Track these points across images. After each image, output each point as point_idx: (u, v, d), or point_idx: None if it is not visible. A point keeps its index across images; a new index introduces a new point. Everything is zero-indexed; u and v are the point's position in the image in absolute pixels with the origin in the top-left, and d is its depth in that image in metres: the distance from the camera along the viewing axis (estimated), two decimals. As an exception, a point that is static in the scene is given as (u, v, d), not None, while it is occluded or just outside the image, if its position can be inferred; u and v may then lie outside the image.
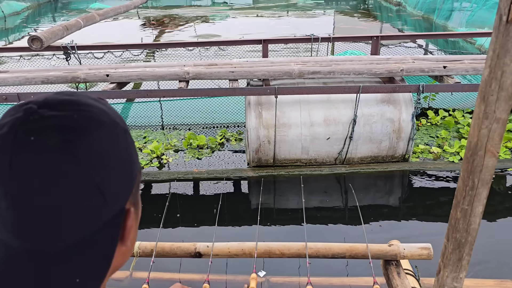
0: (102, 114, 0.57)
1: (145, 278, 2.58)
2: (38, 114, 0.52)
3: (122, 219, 0.59)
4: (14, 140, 0.51)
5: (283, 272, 3.41)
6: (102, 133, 0.55)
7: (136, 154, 0.63)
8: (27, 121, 0.52)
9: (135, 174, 0.61)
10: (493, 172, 1.48)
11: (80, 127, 0.53)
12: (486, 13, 11.42)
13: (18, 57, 7.91)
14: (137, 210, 0.65)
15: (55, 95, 0.57)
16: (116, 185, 0.56)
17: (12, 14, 18.71)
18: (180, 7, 21.40)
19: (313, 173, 4.99)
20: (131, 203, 0.61)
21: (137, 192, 0.64)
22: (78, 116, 0.54)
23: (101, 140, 0.54)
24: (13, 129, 0.52)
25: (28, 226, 0.51)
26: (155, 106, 6.47)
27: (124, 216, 0.59)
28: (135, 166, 0.61)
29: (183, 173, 5.10)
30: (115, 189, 0.56)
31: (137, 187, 0.64)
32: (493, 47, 1.31)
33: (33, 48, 5.18)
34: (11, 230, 0.52)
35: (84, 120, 0.54)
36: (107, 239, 0.56)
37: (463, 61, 4.96)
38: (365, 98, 4.84)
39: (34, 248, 0.52)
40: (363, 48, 7.59)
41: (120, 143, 0.58)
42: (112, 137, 0.56)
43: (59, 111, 0.53)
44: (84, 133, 0.53)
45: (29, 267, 0.52)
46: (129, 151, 0.60)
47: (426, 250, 2.68)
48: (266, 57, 6.19)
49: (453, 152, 5.39)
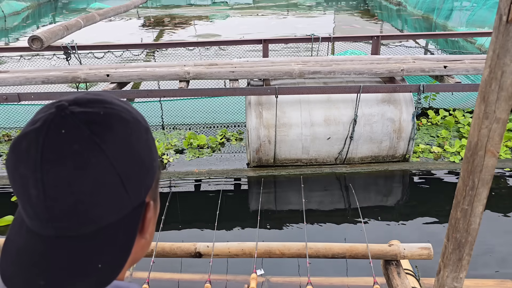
0: (126, 112, 0.61)
1: (145, 278, 2.58)
2: (69, 110, 0.57)
3: (142, 211, 0.63)
4: (47, 132, 0.55)
5: (283, 272, 3.41)
6: (125, 129, 0.59)
7: (156, 151, 0.66)
8: (59, 116, 0.57)
9: (155, 169, 0.65)
10: (493, 172, 1.48)
11: (106, 123, 0.58)
12: (486, 13, 11.41)
13: (18, 57, 7.91)
14: (156, 205, 0.69)
15: (84, 94, 0.62)
16: (137, 178, 0.60)
17: (12, 14, 18.71)
18: (180, 7, 21.39)
19: (314, 173, 4.99)
20: (151, 197, 0.65)
21: (156, 187, 0.68)
22: (104, 112, 0.59)
23: (124, 135, 0.59)
24: (46, 123, 0.56)
25: (57, 212, 0.55)
26: (155, 106, 6.47)
27: (144, 209, 0.63)
28: (156, 162, 0.65)
29: (184, 173, 5.10)
30: (136, 182, 0.60)
31: (157, 183, 0.68)
32: (493, 47, 1.31)
33: (33, 48, 5.18)
34: (41, 217, 0.56)
35: (109, 117, 0.59)
36: (128, 229, 0.60)
37: (464, 61, 4.96)
38: (365, 98, 4.84)
39: (62, 234, 0.57)
40: (364, 48, 7.59)
41: (142, 139, 0.62)
42: (134, 133, 0.61)
43: (87, 107, 0.58)
44: (109, 127, 0.58)
45: (57, 253, 0.57)
46: (150, 147, 0.64)
47: (426, 250, 2.67)
48: (267, 57, 6.19)
49: (453, 151, 5.38)
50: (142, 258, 0.70)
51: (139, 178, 0.61)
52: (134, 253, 0.64)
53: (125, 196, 0.59)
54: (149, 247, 0.70)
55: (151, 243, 0.69)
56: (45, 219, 0.56)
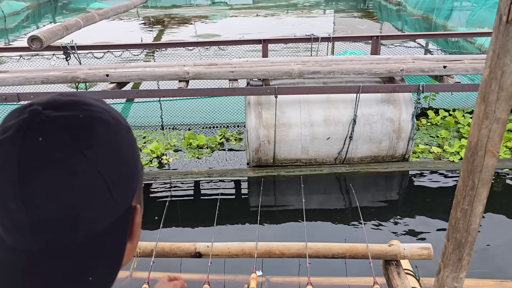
0: (105, 113, 0.58)
1: (145, 278, 2.58)
2: (44, 115, 0.53)
3: (130, 217, 0.60)
4: (23, 141, 0.51)
5: (283, 272, 3.41)
6: (107, 131, 0.56)
7: (138, 152, 0.64)
8: (34, 123, 0.52)
9: (139, 171, 0.62)
10: (493, 172, 1.48)
11: (86, 126, 0.54)
12: (486, 13, 11.42)
13: (18, 57, 7.91)
14: (141, 207, 0.66)
15: (57, 96, 0.57)
16: (123, 182, 0.57)
17: (12, 14, 18.70)
18: (180, 7, 21.40)
19: (313, 173, 4.99)
20: (137, 201, 0.63)
21: (141, 189, 0.65)
22: (83, 115, 0.55)
23: (107, 138, 0.56)
24: (20, 131, 0.52)
25: (41, 224, 0.52)
26: (154, 106, 6.47)
27: (132, 214, 0.61)
28: (139, 163, 0.63)
29: (183, 173, 5.10)
30: (123, 186, 0.57)
31: (141, 185, 0.65)
32: (493, 47, 1.31)
33: (32, 48, 5.18)
34: (23, 231, 0.52)
35: (89, 120, 0.55)
36: (117, 237, 0.57)
37: (463, 61, 4.96)
38: (365, 98, 4.84)
39: (46, 247, 0.53)
40: (363, 48, 7.59)
41: (124, 141, 0.59)
42: (116, 135, 0.57)
43: (64, 111, 0.54)
44: (91, 131, 0.54)
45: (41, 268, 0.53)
46: (133, 148, 0.61)
47: (426, 250, 2.68)
48: (266, 57, 6.19)
49: (453, 152, 5.39)
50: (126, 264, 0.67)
51: (125, 182, 0.58)
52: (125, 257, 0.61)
53: (112, 203, 0.55)
54: (135, 252, 0.69)
55: (136, 248, 0.66)
56: (27, 233, 0.52)
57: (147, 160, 5.43)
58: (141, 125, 6.46)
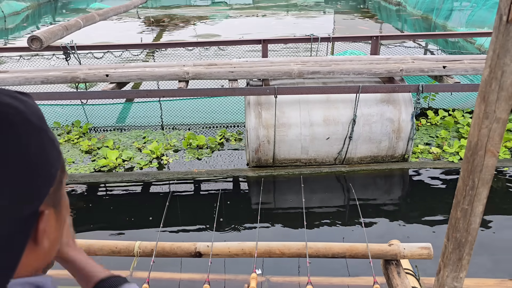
0: (13, 113, 0.55)
1: (145, 278, 2.57)
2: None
3: (34, 223, 0.57)
4: None
5: (283, 272, 3.42)
6: (7, 133, 0.53)
7: (56, 152, 0.61)
8: None
9: (51, 174, 0.59)
10: (493, 172, 1.48)
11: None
12: (486, 13, 11.42)
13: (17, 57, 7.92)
14: (59, 210, 0.63)
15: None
16: (24, 188, 0.54)
17: (12, 14, 18.70)
18: (180, 7, 21.40)
19: (313, 173, 4.99)
20: (48, 205, 0.59)
21: (58, 192, 0.62)
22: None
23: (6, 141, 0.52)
24: None
25: None
26: (154, 106, 6.47)
27: (36, 219, 0.57)
28: (52, 165, 0.59)
29: (183, 173, 5.10)
30: (23, 192, 0.54)
31: (58, 187, 0.62)
32: (493, 47, 1.31)
33: (32, 48, 5.18)
34: None
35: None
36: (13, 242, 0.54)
37: (463, 61, 4.96)
38: (364, 98, 4.84)
39: None
40: (363, 48, 7.59)
41: (30, 143, 0.55)
42: (20, 137, 0.54)
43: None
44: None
45: None
46: (42, 150, 0.57)
47: (426, 249, 2.68)
48: (266, 57, 6.19)
49: (452, 152, 5.39)
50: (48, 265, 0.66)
51: (27, 187, 0.54)
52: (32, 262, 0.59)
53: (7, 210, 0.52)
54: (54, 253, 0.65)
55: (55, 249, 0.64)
56: None
57: (147, 160, 5.43)
58: (141, 125, 6.46)
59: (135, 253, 2.75)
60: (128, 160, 5.45)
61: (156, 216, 4.19)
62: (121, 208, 4.62)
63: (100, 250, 2.77)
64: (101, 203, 4.73)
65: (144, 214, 4.45)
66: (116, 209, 4.63)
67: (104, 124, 6.47)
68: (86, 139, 5.96)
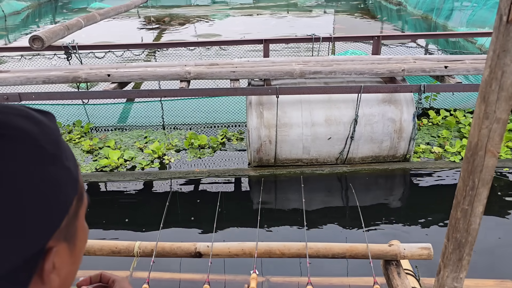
0: (24, 139, 0.49)
1: (145, 278, 2.58)
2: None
3: (40, 260, 0.51)
4: None
5: (283, 272, 3.41)
6: (14, 164, 0.47)
7: (71, 182, 0.55)
8: None
9: (64, 206, 0.53)
10: (494, 172, 1.48)
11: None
12: (487, 13, 11.40)
13: (19, 56, 7.92)
14: (73, 243, 0.57)
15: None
16: (31, 222, 0.48)
17: (13, 14, 18.72)
18: (181, 7, 21.40)
19: (314, 173, 4.99)
20: (59, 240, 0.53)
21: (73, 224, 0.56)
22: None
23: (11, 172, 0.47)
24: None
25: None
26: (156, 106, 6.47)
27: (43, 256, 0.51)
28: (65, 197, 0.53)
29: (184, 173, 5.10)
30: (30, 227, 0.48)
31: (73, 219, 0.56)
32: (494, 47, 1.31)
33: (34, 48, 5.18)
34: None
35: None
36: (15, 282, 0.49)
37: (464, 61, 4.96)
38: (366, 98, 4.83)
39: None
40: (364, 48, 7.59)
41: (40, 173, 0.49)
42: (29, 168, 0.48)
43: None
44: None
45: None
46: (54, 182, 0.51)
47: (426, 250, 2.67)
48: (267, 57, 6.19)
49: (454, 152, 5.38)
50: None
51: (33, 223, 0.48)
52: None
53: (8, 249, 0.46)
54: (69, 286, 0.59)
55: (70, 282, 0.58)
56: None
57: (149, 160, 5.43)
58: (143, 125, 6.47)
59: (135, 253, 2.76)
60: (130, 160, 5.45)
61: (157, 216, 4.20)
62: (122, 208, 4.63)
63: (100, 250, 2.78)
64: (102, 203, 4.73)
65: (145, 214, 4.45)
66: (117, 209, 4.63)
67: (105, 124, 6.47)
68: (87, 139, 5.97)
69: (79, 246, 0.59)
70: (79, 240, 0.59)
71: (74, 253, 0.57)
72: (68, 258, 0.56)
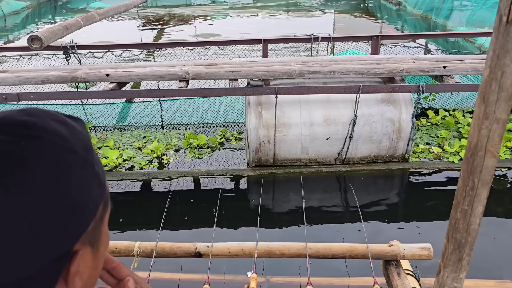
0: (57, 142, 0.50)
1: (145, 278, 2.58)
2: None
3: (65, 263, 0.51)
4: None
5: (283, 272, 3.41)
6: (48, 166, 0.48)
7: (99, 187, 0.55)
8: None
9: (91, 211, 0.54)
10: (493, 173, 1.48)
11: (22, 158, 0.46)
12: (486, 13, 11.41)
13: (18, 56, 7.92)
14: (96, 248, 0.57)
15: (15, 113, 0.50)
16: (59, 225, 0.49)
17: (12, 13, 18.70)
18: (180, 6, 21.39)
19: (313, 173, 4.99)
20: (84, 243, 0.54)
21: (98, 229, 0.57)
22: (25, 143, 0.47)
23: (45, 174, 0.47)
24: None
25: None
26: (155, 106, 6.47)
27: (69, 259, 0.51)
28: (92, 202, 0.54)
29: (183, 173, 5.10)
30: (57, 229, 0.48)
31: (99, 224, 0.57)
32: (493, 48, 1.31)
33: (33, 48, 5.17)
34: None
35: (30, 150, 0.47)
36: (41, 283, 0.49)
37: (463, 61, 4.96)
38: (365, 98, 4.84)
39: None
40: (363, 48, 7.59)
41: (71, 177, 0.50)
42: (61, 170, 0.49)
43: (6, 135, 0.47)
44: (26, 165, 0.46)
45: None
46: (83, 186, 0.52)
47: (426, 250, 2.68)
48: (266, 57, 6.19)
49: (453, 152, 5.38)
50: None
51: (63, 224, 0.49)
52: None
53: (39, 248, 0.47)
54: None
55: (92, 286, 0.58)
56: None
57: (147, 160, 5.43)
58: (141, 124, 6.47)
59: (135, 254, 2.75)
60: (129, 160, 5.45)
61: (156, 216, 4.19)
62: (121, 208, 4.62)
63: (100, 250, 2.77)
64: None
65: (144, 214, 4.45)
66: (116, 209, 4.63)
67: (104, 124, 6.47)
68: (86, 139, 5.95)
69: (101, 251, 0.60)
70: (102, 245, 0.60)
71: (97, 258, 0.58)
72: (91, 262, 0.56)
